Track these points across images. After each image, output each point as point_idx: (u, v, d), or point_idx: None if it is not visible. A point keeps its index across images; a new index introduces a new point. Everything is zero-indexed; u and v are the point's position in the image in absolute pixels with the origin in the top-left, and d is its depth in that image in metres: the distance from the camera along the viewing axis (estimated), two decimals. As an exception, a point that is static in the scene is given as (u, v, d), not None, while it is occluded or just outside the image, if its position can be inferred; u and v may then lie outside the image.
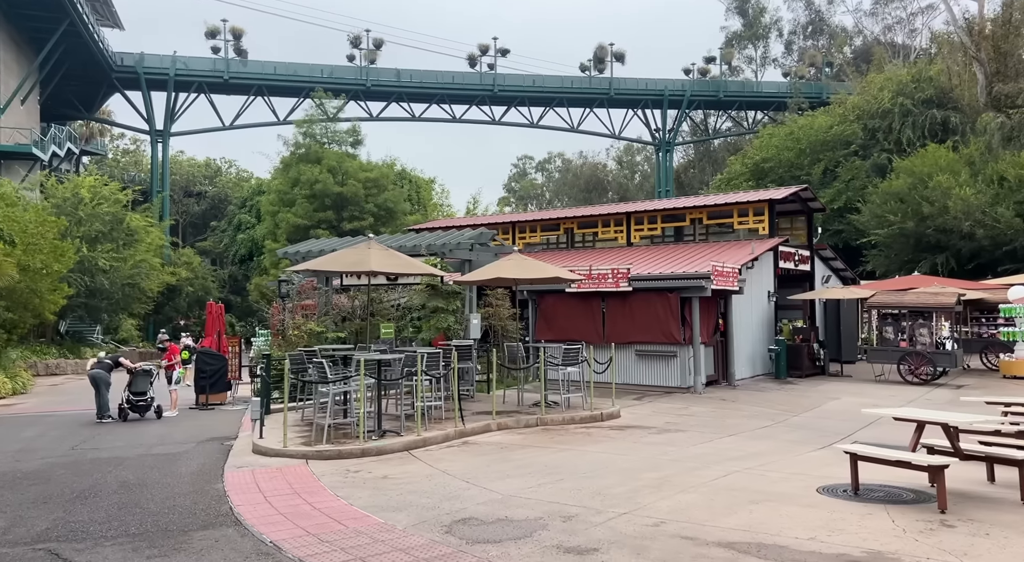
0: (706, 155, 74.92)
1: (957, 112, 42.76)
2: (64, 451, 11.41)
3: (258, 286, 37.56)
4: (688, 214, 22.52)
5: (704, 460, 9.41)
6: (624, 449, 10.31)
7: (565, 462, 9.32)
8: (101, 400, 14.88)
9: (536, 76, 62.97)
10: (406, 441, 10.66)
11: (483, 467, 9.16)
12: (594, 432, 11.82)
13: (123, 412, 14.78)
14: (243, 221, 46.48)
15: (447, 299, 16.61)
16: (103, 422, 14.56)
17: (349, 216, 34.62)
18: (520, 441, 11.11)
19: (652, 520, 6.51)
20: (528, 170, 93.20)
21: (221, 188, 74.91)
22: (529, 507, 7.06)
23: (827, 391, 17.02)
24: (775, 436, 11.60)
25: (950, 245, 32.74)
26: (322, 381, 10.80)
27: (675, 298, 16.75)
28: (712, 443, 10.83)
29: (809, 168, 43.18)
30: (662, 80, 65.72)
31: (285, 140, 37.93)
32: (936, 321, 17.71)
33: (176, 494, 8.24)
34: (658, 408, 14.59)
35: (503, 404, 14.20)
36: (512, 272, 13.01)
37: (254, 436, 11.40)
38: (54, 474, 9.57)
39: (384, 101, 61.67)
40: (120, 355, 16.68)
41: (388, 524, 6.68)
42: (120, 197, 35.12)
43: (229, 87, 59.80)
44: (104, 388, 14.96)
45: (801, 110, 59.66)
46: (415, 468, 9.25)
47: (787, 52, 79.06)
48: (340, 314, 19.33)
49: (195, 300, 57.58)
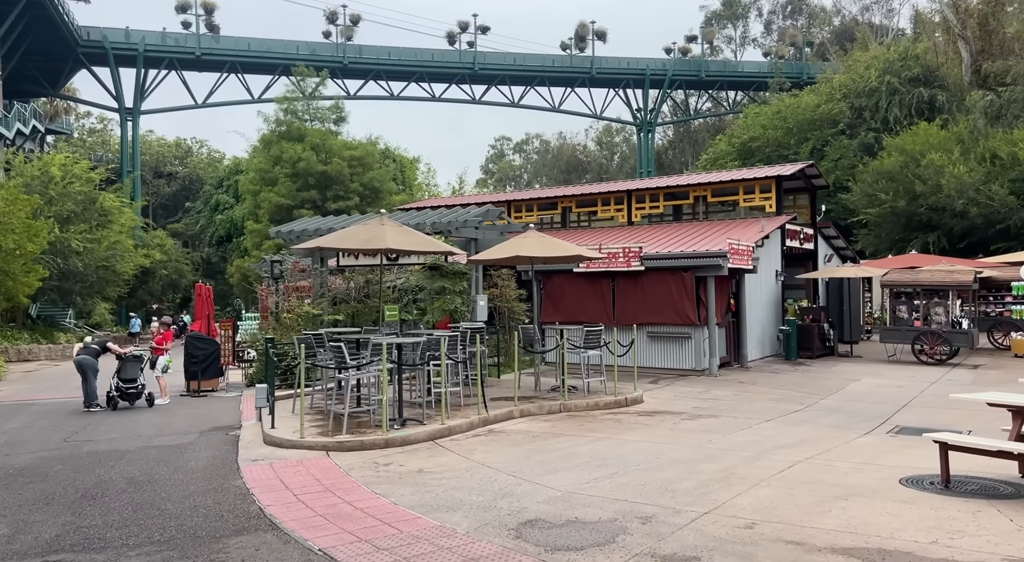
0: (687, 136, 74.51)
1: (944, 91, 42.67)
2: (56, 444, 10.55)
3: (239, 268, 36.38)
4: (692, 191, 21.93)
5: (756, 449, 8.84)
6: (664, 437, 9.71)
7: (609, 453, 8.68)
8: (88, 388, 13.98)
9: (517, 54, 61.95)
10: (431, 430, 9.96)
11: (522, 459, 8.50)
12: (623, 418, 11.22)
13: (112, 400, 13.89)
14: (221, 201, 45.07)
15: (453, 280, 15.85)
16: (91, 411, 13.67)
17: (334, 195, 33.52)
18: (548, 429, 10.47)
19: (742, 521, 5.89)
20: (506, 151, 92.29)
21: (192, 169, 73.03)
22: (597, 506, 6.41)
23: (844, 373, 16.60)
24: (812, 421, 11.08)
25: (942, 224, 32.59)
26: (340, 366, 10.02)
27: (690, 277, 16.17)
28: (752, 430, 10.26)
29: (797, 147, 42.85)
30: (644, 59, 65.03)
31: (266, 117, 36.68)
32: (951, 300, 17.34)
33: (194, 492, 7.47)
34: (678, 392, 14.04)
35: (518, 389, 13.55)
36: (532, 250, 12.29)
37: (264, 426, 10.62)
38: (51, 470, 8.73)
39: (362, 79, 60.28)
40: (108, 340, 15.65)
41: (446, 527, 5.99)
42: (92, 176, 33.68)
43: (201, 64, 58.01)
44: (92, 375, 14.05)
45: (782, 90, 59.40)
46: (449, 460, 8.56)
47: (766, 32, 78.90)
48: (337, 296, 18.50)
49: (168, 284, 56.11)
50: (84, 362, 14.16)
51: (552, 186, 64.27)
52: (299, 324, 17.51)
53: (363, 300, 19.50)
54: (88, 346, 14.66)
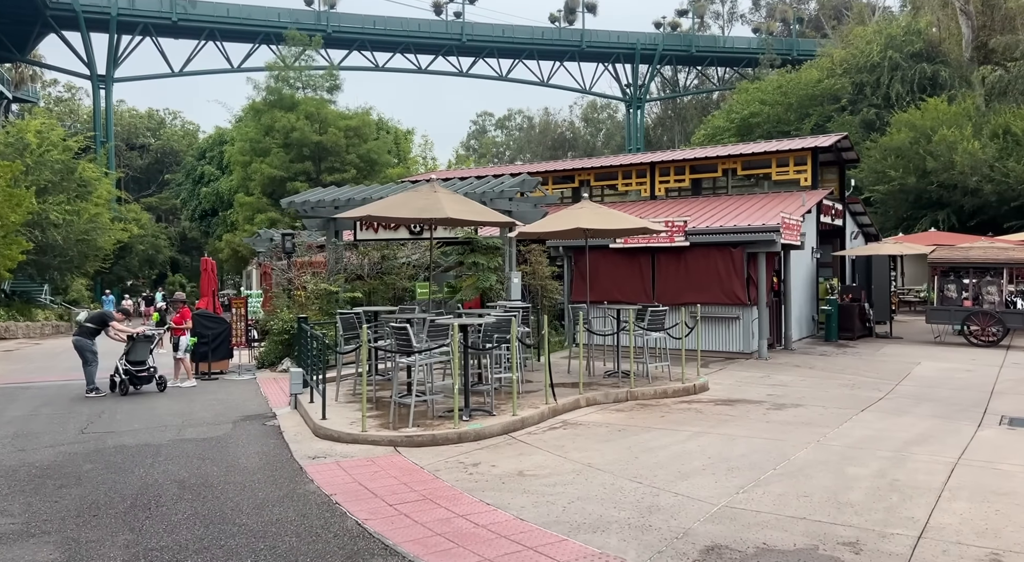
0: (675, 113, 73.49)
1: (946, 66, 42.02)
2: (73, 436, 9.29)
3: (230, 243, 34.73)
4: (720, 164, 20.91)
5: (884, 446, 7.92)
6: (768, 432, 8.73)
7: (724, 452, 7.67)
8: (87, 371, 12.63)
9: (506, 26, 60.30)
10: (504, 422, 8.86)
11: (629, 459, 7.44)
12: (703, 409, 10.20)
13: (123, 385, 12.55)
14: (206, 173, 43.05)
15: (488, 255, 14.67)
16: (92, 397, 12.34)
17: (329, 167, 31.96)
18: (628, 421, 9.43)
19: (976, 550, 4.88)
20: (488, 127, 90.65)
21: (166, 141, 70.58)
22: (776, 527, 5.37)
23: (898, 355, 15.78)
24: (908, 411, 10.15)
25: (952, 201, 31.99)
26: (404, 350, 8.85)
27: (739, 254, 15.17)
28: (855, 422, 9.30)
29: (798, 123, 42.01)
30: (634, 33, 63.75)
31: (256, 84, 34.84)
32: (1004, 279, 16.57)
33: (266, 501, 6.32)
34: (738, 377, 13.07)
35: (568, 374, 12.53)
36: (592, 221, 11.16)
37: (311, 415, 9.44)
38: (81, 469, 7.51)
39: (345, 49, 58.28)
40: (109, 313, 13.97)
41: (610, 555, 4.93)
42: (71, 144, 31.75)
43: (178, 30, 55.62)
44: (89, 357, 12.68)
45: (773, 66, 58.59)
46: (544, 460, 7.48)
47: (755, 7, 77.84)
48: (354, 272, 17.24)
49: (145, 259, 54.17)
50: (78, 344, 12.81)
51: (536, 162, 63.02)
52: (313, 302, 16.28)
53: (380, 276, 18.28)
54: (82, 325, 13.26)
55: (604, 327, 13.76)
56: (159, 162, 69.54)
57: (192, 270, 67.89)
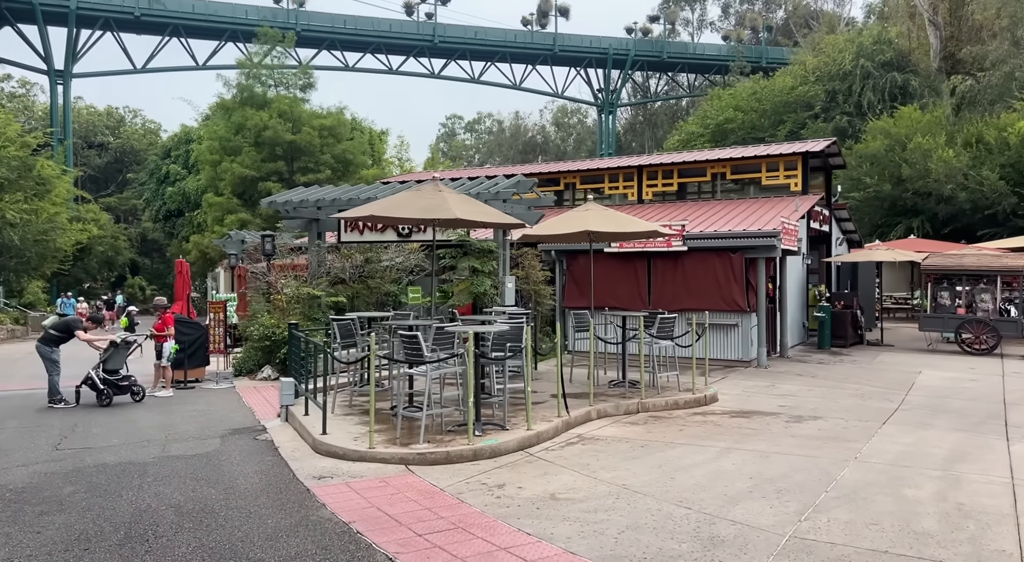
0: (645, 119, 73.61)
1: (916, 76, 42.54)
2: (47, 452, 8.49)
3: (197, 245, 33.52)
4: (709, 168, 20.62)
5: (924, 463, 7.62)
6: (797, 448, 8.31)
7: (764, 471, 7.21)
8: (51, 381, 11.75)
9: (478, 28, 59.76)
10: (519, 438, 8.29)
11: (665, 479, 6.93)
12: (720, 421, 9.74)
13: (104, 395, 11.68)
14: (172, 172, 41.57)
15: (482, 259, 14.09)
16: (57, 407, 11.48)
17: (303, 167, 31.00)
18: (645, 435, 8.93)
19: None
20: (457, 130, 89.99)
21: (126, 140, 68.59)
22: None
23: (896, 364, 15.55)
24: (928, 423, 9.81)
25: (926, 209, 32.23)
26: (414, 360, 8.21)
27: (739, 259, 14.81)
28: (882, 436, 8.93)
29: (772, 129, 42.17)
30: (607, 38, 63.69)
31: (226, 81, 33.71)
32: (998, 286, 16.47)
33: (278, 530, 5.67)
34: (742, 386, 12.68)
35: (570, 383, 12.01)
36: (600, 225, 10.67)
37: (311, 430, 8.75)
38: (61, 493, 6.76)
39: (315, 48, 57.12)
40: (76, 321, 12.76)
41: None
42: (29, 140, 30.37)
43: (140, 25, 54.03)
44: (48, 366, 11.79)
45: (743, 73, 58.95)
46: (573, 481, 6.93)
47: (724, 15, 78.40)
48: (337, 276, 16.51)
49: (104, 261, 52.46)
50: (38, 350, 11.93)
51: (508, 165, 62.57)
52: (294, 307, 15.52)
53: (362, 280, 17.57)
54: (46, 330, 12.31)
55: (604, 334, 13.25)
56: (118, 161, 67.53)
57: (153, 273, 66.03)
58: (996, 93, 36.92)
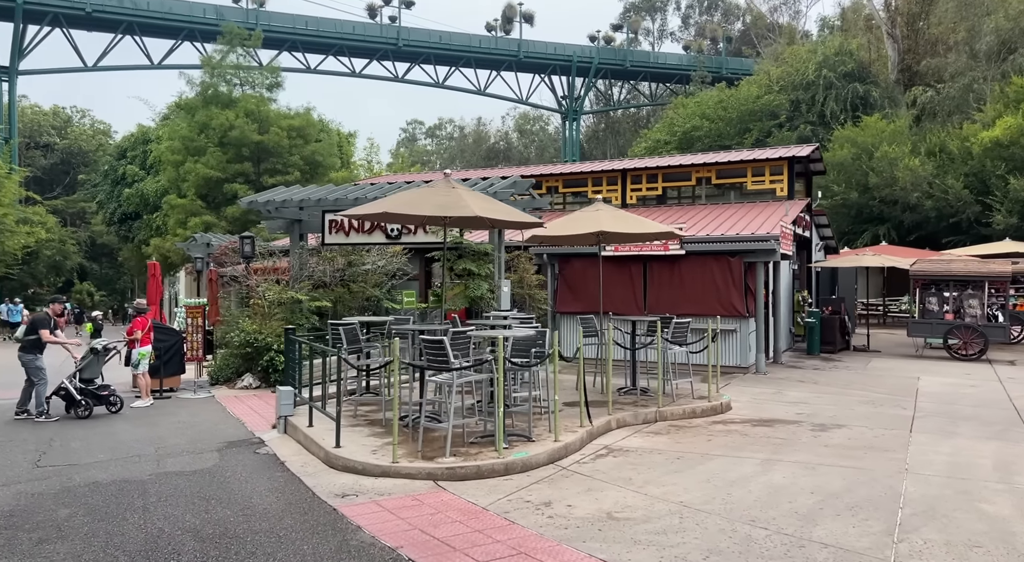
0: (608, 127, 73.81)
1: (876, 87, 43.32)
2: (27, 470, 7.70)
3: (159, 248, 32.15)
4: (695, 172, 20.41)
5: (983, 475, 7.38)
6: (841, 458, 7.99)
7: (824, 484, 6.85)
8: (38, 391, 10.81)
9: (443, 32, 59.20)
10: (549, 450, 7.78)
11: (721, 495, 6.51)
12: (747, 432, 9.37)
13: (84, 406, 10.81)
14: (128, 173, 39.90)
15: (478, 261, 13.53)
16: (40, 421, 10.58)
17: (270, 169, 29.97)
18: (673, 446, 8.51)
19: None
20: (418, 136, 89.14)
21: (73, 140, 66.25)
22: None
23: (891, 369, 15.46)
24: (953, 431, 9.58)
25: (892, 216, 32.67)
26: (441, 367, 7.63)
27: (738, 264, 14.55)
28: (917, 446, 8.66)
29: (739, 137, 42.46)
30: (571, 45, 63.72)
31: (189, 79, 32.46)
32: (985, 292, 16.53)
33: (318, 558, 5.10)
34: (748, 393, 12.37)
35: (575, 390, 11.51)
36: (613, 225, 10.25)
37: (320, 443, 8.11)
38: (57, 517, 6.03)
39: (276, 49, 55.80)
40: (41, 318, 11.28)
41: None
42: (-25, 138, 28.79)
43: (92, 22, 52.10)
44: (36, 375, 10.85)
45: (704, 82, 59.51)
46: (623, 498, 6.46)
47: (684, 26, 79.18)
48: (320, 279, 15.80)
49: (52, 265, 50.43)
50: (20, 361, 10.99)
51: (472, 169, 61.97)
52: (276, 311, 14.75)
53: (344, 284, 16.88)
54: (21, 340, 11.35)
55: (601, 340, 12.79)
56: (65, 162, 65.14)
57: (102, 278, 63.72)
58: (954, 104, 37.74)
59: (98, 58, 52.90)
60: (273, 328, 14.05)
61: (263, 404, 12.17)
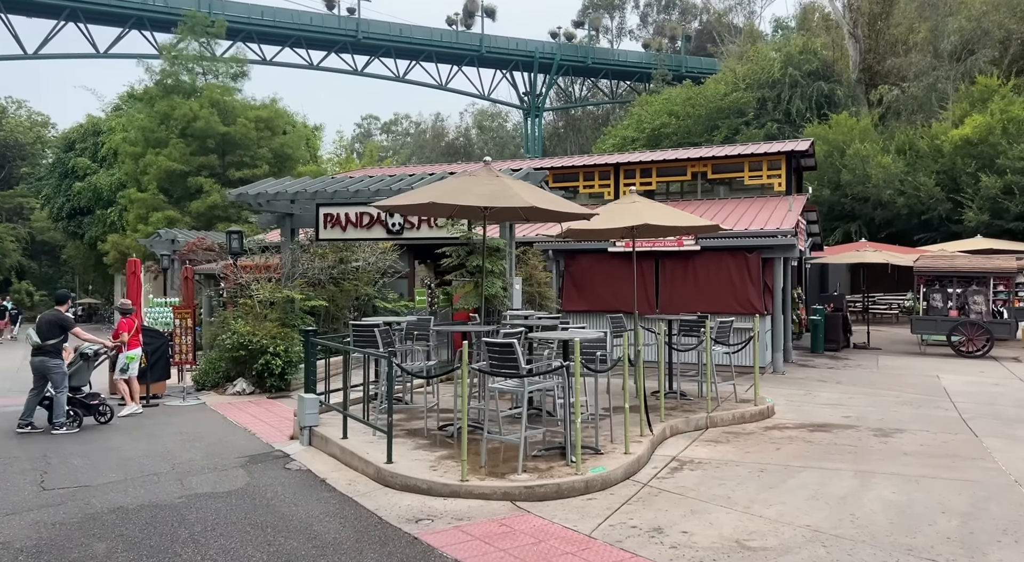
0: (570, 124, 73.42)
1: (840, 85, 43.77)
2: (32, 493, 6.72)
3: (117, 245, 30.38)
4: (690, 167, 19.98)
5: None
6: (933, 468, 7.50)
7: (948, 501, 6.29)
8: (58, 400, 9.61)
9: (404, 25, 57.97)
10: (624, 464, 7.08)
11: (841, 514, 5.92)
12: (811, 438, 8.82)
13: (77, 417, 9.73)
14: (79, 166, 37.69)
15: (491, 258, 12.71)
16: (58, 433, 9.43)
17: (237, 162, 28.51)
18: (744, 456, 7.90)
19: None
20: (373, 131, 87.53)
21: (9, 132, 62.89)
22: None
23: (905, 367, 15.23)
24: (1012, 434, 9.23)
25: (863, 214, 32.91)
26: (507, 373, 6.84)
27: (756, 259, 14.07)
28: (1001, 453, 8.18)
29: (707, 135, 42.40)
30: (533, 41, 63.14)
31: (148, 67, 30.68)
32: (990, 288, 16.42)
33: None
34: (776, 394, 11.84)
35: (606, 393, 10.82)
36: (656, 218, 9.60)
37: (368, 457, 7.26)
38: (95, 551, 5.15)
39: (230, 39, 53.76)
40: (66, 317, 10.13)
41: None
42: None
43: (33, 7, 49.50)
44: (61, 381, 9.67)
45: (665, 80, 59.60)
46: (738, 520, 5.81)
47: (642, 24, 79.33)
48: (315, 277, 14.80)
49: (-12, 264, 47.79)
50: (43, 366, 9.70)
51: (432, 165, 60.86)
52: (267, 311, 13.72)
53: (336, 282, 15.89)
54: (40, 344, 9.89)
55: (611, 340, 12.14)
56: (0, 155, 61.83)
57: (42, 277, 60.69)
58: (918, 104, 38.29)
59: (39, 45, 50.26)
60: (268, 329, 13.05)
61: (264, 411, 11.23)
